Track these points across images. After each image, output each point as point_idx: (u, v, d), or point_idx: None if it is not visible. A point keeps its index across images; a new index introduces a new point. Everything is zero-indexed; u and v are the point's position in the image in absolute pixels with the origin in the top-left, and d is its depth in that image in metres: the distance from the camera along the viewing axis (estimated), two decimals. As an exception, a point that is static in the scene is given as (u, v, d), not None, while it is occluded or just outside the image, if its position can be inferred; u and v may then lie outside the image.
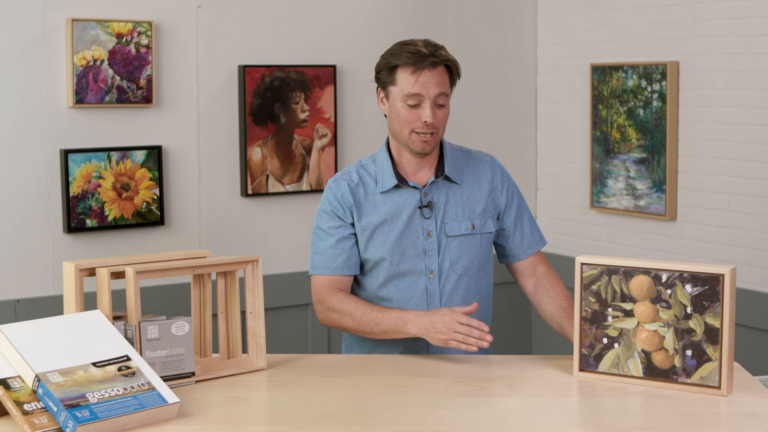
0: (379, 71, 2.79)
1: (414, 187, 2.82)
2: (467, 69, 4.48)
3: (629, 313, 2.51)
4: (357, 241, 2.84)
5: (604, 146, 4.46)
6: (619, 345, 2.52)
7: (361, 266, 2.87)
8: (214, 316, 2.85)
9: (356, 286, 2.90)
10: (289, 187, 4.21)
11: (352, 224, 2.83)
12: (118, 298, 2.66)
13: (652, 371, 2.49)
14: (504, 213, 2.90)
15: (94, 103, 3.80)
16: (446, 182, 2.84)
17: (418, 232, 2.81)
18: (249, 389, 2.51)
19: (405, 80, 2.73)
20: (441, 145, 2.87)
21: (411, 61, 2.71)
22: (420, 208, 2.81)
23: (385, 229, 2.81)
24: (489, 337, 2.57)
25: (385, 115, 2.82)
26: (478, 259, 2.86)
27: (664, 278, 2.46)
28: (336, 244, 2.83)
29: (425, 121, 2.72)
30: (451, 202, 2.83)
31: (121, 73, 3.84)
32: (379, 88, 2.82)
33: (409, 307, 2.81)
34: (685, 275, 2.44)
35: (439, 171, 2.83)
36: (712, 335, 2.42)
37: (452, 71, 2.77)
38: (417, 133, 2.74)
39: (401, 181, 2.81)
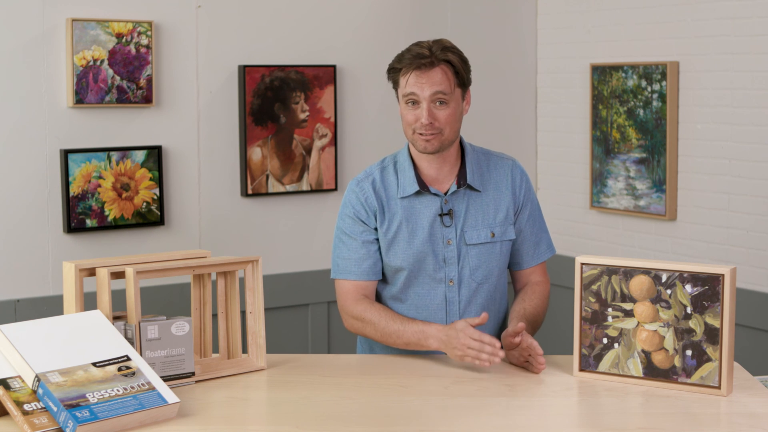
0: (388, 75, 2.78)
1: (435, 194, 2.78)
2: (467, 69, 4.50)
3: (629, 313, 2.51)
4: (379, 246, 2.82)
5: (604, 146, 4.46)
6: (619, 345, 2.52)
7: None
8: (214, 316, 2.85)
9: (376, 293, 2.88)
10: (289, 187, 4.21)
11: (376, 229, 2.80)
12: (118, 298, 2.66)
13: (652, 371, 2.49)
14: (515, 218, 2.86)
15: (94, 103, 3.80)
16: (468, 190, 2.80)
17: (437, 240, 2.78)
18: (249, 389, 2.51)
19: (404, 81, 2.72)
20: (462, 150, 2.83)
21: (409, 62, 2.70)
22: (440, 216, 2.78)
23: (405, 235, 2.77)
24: (501, 353, 2.54)
25: None
26: (498, 267, 2.83)
27: (664, 278, 2.46)
28: (361, 248, 2.79)
29: (422, 122, 2.70)
30: (471, 210, 2.79)
31: (121, 73, 3.84)
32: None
33: (427, 315, 2.80)
34: (685, 275, 2.44)
35: (461, 179, 2.79)
36: (712, 335, 2.42)
37: (458, 70, 2.72)
38: (418, 133, 2.72)
39: (423, 188, 2.78)
